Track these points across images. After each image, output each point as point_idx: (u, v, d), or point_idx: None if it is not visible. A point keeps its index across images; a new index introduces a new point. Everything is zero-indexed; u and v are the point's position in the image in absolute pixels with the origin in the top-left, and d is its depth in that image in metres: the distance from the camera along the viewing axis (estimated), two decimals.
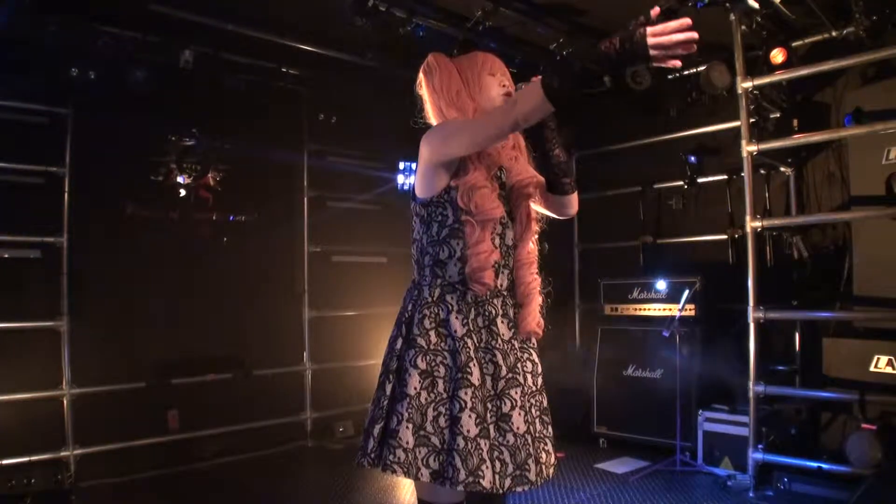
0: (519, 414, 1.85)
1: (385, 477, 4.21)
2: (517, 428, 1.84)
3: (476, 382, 1.80)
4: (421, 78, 2.02)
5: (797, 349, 4.61)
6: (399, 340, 1.91)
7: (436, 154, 1.83)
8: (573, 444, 4.90)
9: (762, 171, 4.76)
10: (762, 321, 3.94)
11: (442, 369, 1.83)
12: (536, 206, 2.05)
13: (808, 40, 4.44)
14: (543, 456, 1.90)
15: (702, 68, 4.55)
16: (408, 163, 5.75)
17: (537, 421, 1.93)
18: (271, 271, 5.20)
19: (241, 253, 4.97)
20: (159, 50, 4.28)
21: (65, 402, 4.11)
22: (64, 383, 4.12)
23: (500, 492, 1.79)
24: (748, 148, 3.98)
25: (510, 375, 1.87)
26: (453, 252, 1.89)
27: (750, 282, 3.98)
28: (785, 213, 4.78)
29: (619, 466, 4.49)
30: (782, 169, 4.71)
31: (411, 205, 1.97)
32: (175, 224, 4.72)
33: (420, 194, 1.92)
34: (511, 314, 1.96)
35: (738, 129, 4.06)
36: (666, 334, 4.41)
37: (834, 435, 3.74)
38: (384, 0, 3.86)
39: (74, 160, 4.22)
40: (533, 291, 1.98)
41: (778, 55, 4.10)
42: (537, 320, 1.98)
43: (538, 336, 2.01)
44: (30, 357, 4.05)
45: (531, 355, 1.99)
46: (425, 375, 1.82)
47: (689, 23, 1.47)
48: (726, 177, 5.11)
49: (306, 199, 5.46)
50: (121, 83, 4.15)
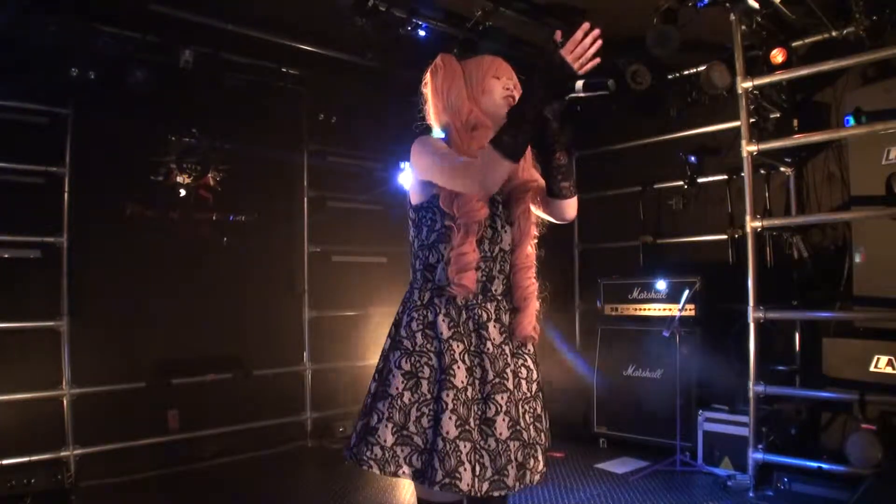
0: (503, 420, 1.84)
1: (385, 477, 4.21)
2: (499, 433, 1.83)
3: (459, 385, 1.81)
4: (427, 77, 2.04)
5: (797, 349, 4.62)
6: (387, 341, 1.96)
7: (416, 174, 1.93)
8: (573, 444, 4.90)
9: (762, 171, 4.76)
10: (762, 321, 3.94)
11: (427, 370, 1.84)
12: (535, 210, 2.04)
13: (808, 40, 4.44)
14: (531, 462, 1.89)
15: (702, 68, 4.55)
16: (408, 163, 5.74)
17: (531, 428, 1.92)
18: (271, 271, 5.20)
19: (241, 253, 4.97)
20: (159, 50, 4.28)
21: (65, 402, 4.10)
22: (64, 383, 4.12)
23: (478, 495, 1.79)
24: (748, 148, 3.98)
25: (497, 380, 1.87)
26: (441, 256, 1.90)
27: (750, 282, 3.98)
28: (785, 213, 4.78)
29: (619, 466, 4.49)
30: (782, 169, 4.72)
31: (407, 209, 2.00)
32: (175, 224, 4.72)
33: (412, 199, 1.98)
34: (505, 319, 1.95)
35: (738, 129, 4.06)
36: (666, 334, 4.41)
37: (834, 435, 3.75)
38: (384, 0, 3.86)
39: (74, 160, 4.22)
40: (530, 296, 1.98)
41: (778, 55, 4.10)
42: (533, 325, 1.98)
43: (534, 341, 2.01)
44: (30, 357, 4.05)
45: (526, 361, 1.98)
46: (409, 376, 1.84)
47: (588, 25, 1.65)
48: (726, 177, 5.12)
49: (306, 199, 5.46)
50: (121, 83, 4.14)
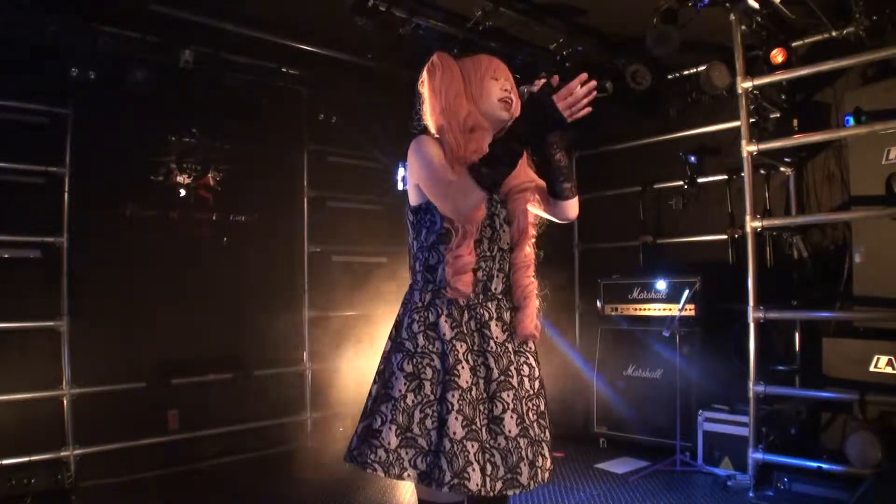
0: (511, 417, 1.84)
1: (385, 477, 4.20)
2: (509, 431, 1.84)
3: (464, 385, 1.81)
4: (424, 76, 2.01)
5: (797, 349, 4.61)
6: (388, 343, 1.95)
7: (412, 178, 1.93)
8: (573, 444, 4.90)
9: (762, 171, 4.76)
10: (762, 321, 3.94)
11: (429, 371, 1.83)
12: (536, 210, 2.05)
13: (808, 40, 4.44)
14: (540, 460, 1.90)
15: (702, 68, 4.55)
16: (407, 163, 5.75)
17: (535, 425, 1.93)
18: (271, 271, 5.20)
19: (241, 253, 4.97)
20: (159, 50, 4.27)
21: (65, 402, 4.10)
22: (64, 383, 4.12)
23: (490, 494, 1.79)
24: (748, 148, 3.99)
25: (502, 378, 1.87)
26: (441, 257, 1.90)
27: (750, 282, 3.98)
28: (785, 213, 4.78)
29: (619, 466, 4.49)
30: (782, 169, 4.71)
31: (405, 210, 1.99)
32: (175, 224, 4.72)
33: (411, 201, 1.97)
34: (506, 317, 1.95)
35: (738, 129, 4.06)
36: (666, 334, 4.41)
37: (834, 435, 3.74)
38: (384, 0, 3.86)
39: (74, 160, 4.22)
40: (530, 295, 1.98)
41: (778, 55, 4.10)
42: (534, 323, 1.98)
43: (536, 339, 2.01)
44: (30, 357, 4.04)
45: (528, 359, 1.99)
46: (412, 378, 1.84)
47: (585, 76, 1.69)
48: (726, 177, 5.12)
49: (306, 199, 5.45)
50: (121, 83, 4.14)
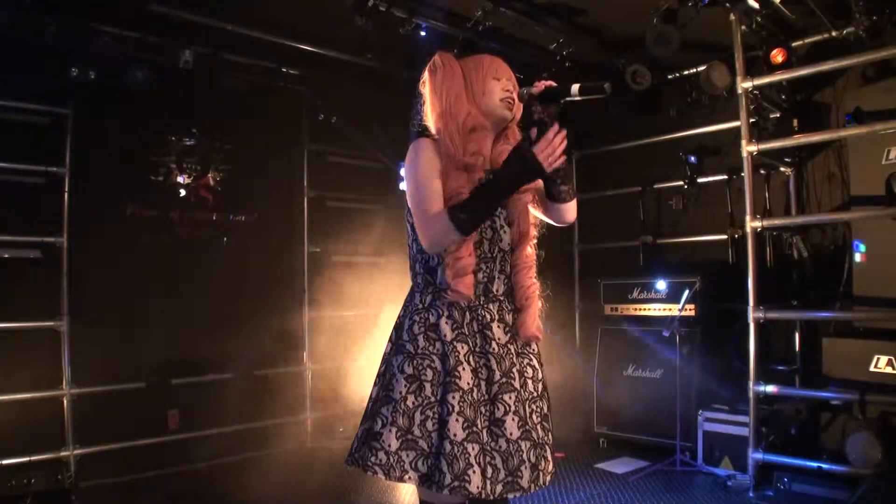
0: (512, 419, 1.84)
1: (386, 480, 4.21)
2: (510, 433, 1.83)
3: (465, 386, 1.80)
4: (425, 76, 2.00)
5: (797, 349, 4.61)
6: (389, 345, 1.95)
7: None
8: (573, 444, 4.90)
9: (762, 171, 4.76)
10: (762, 321, 3.94)
11: (429, 373, 1.83)
12: (535, 212, 2.04)
13: (808, 40, 4.43)
14: (542, 463, 1.89)
15: (702, 68, 4.55)
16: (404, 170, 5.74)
17: (539, 427, 1.92)
18: (271, 271, 5.20)
19: (241, 253, 4.97)
20: (159, 50, 4.27)
21: (65, 402, 4.10)
22: (64, 383, 4.12)
23: (491, 497, 1.78)
24: (748, 148, 3.98)
25: (504, 380, 1.86)
26: (441, 259, 1.89)
27: (750, 282, 3.98)
28: (785, 213, 4.78)
29: (619, 466, 4.49)
30: (782, 169, 4.71)
31: (405, 212, 1.98)
32: (175, 224, 4.72)
33: (410, 203, 1.94)
34: (508, 319, 1.95)
35: (738, 129, 4.06)
36: (666, 334, 4.41)
37: (834, 435, 3.74)
38: (384, 0, 3.86)
39: (74, 160, 4.22)
40: (532, 296, 1.97)
41: (778, 55, 4.10)
42: (537, 325, 1.97)
43: (538, 340, 2.00)
44: (30, 357, 4.05)
45: (531, 360, 1.98)
46: (412, 380, 1.83)
47: (557, 127, 1.75)
48: (726, 177, 5.11)
49: (306, 199, 5.46)
50: (121, 83, 4.14)
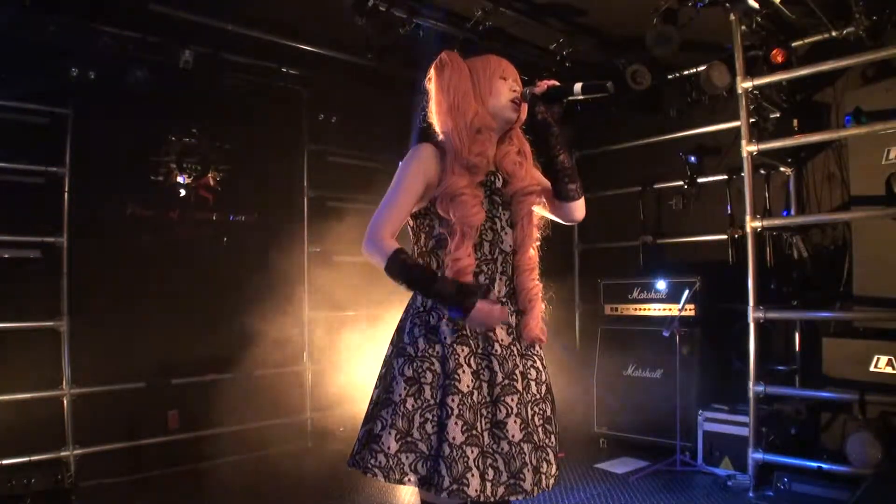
0: (515, 422, 1.83)
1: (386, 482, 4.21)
2: (512, 436, 1.82)
3: (464, 389, 1.79)
4: (432, 73, 1.99)
5: (797, 349, 4.62)
6: (390, 348, 1.95)
7: None
8: (573, 444, 4.90)
9: (762, 171, 4.76)
10: (762, 321, 3.94)
11: (429, 375, 1.82)
12: (542, 211, 2.04)
13: (808, 40, 4.44)
14: (544, 466, 1.88)
15: (702, 68, 4.55)
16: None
17: (540, 430, 1.91)
18: (271, 271, 5.20)
19: (241, 253, 4.97)
20: (159, 50, 4.27)
21: (65, 402, 4.10)
22: (64, 383, 4.12)
23: (491, 500, 1.78)
24: (748, 148, 3.98)
25: (506, 382, 1.85)
26: (441, 262, 1.89)
27: (750, 282, 3.98)
28: (785, 213, 4.78)
29: (619, 466, 4.49)
30: (782, 169, 4.72)
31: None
32: (175, 224, 4.72)
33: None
34: (511, 321, 1.94)
35: (738, 129, 4.06)
36: (666, 334, 4.41)
37: (834, 435, 3.74)
38: (384, 0, 3.86)
39: (74, 160, 4.21)
40: (535, 298, 1.97)
41: (778, 55, 4.10)
42: (540, 327, 1.97)
43: (542, 342, 2.00)
44: (30, 357, 4.04)
45: (535, 362, 1.97)
46: (412, 382, 1.83)
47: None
48: (726, 177, 5.12)
49: (306, 199, 5.46)
50: (121, 83, 4.14)
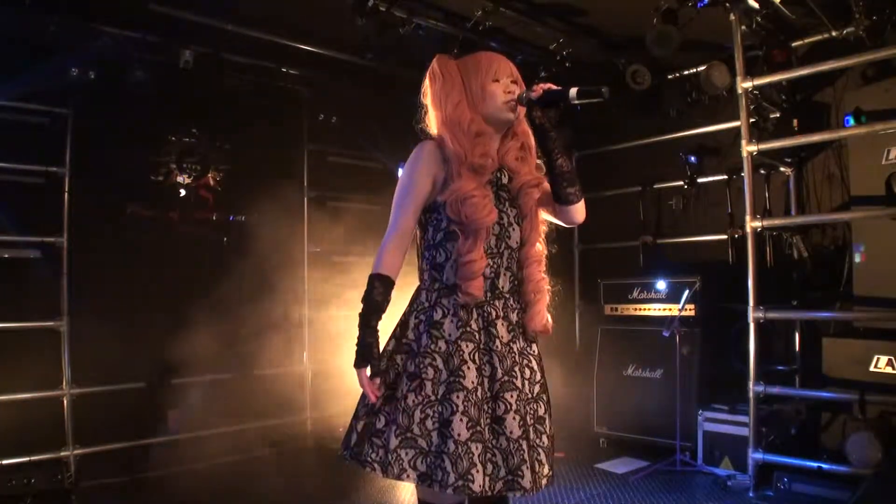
0: (514, 418, 1.83)
1: (384, 477, 4.20)
2: (510, 432, 1.82)
3: (469, 385, 1.80)
4: (426, 86, 2.00)
5: (797, 349, 4.62)
6: (392, 342, 1.95)
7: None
8: (573, 444, 4.90)
9: (762, 171, 4.76)
10: (762, 321, 3.94)
11: (430, 371, 1.83)
12: (544, 215, 2.04)
13: (808, 40, 4.44)
14: (536, 465, 1.87)
15: (702, 68, 4.55)
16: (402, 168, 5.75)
17: (531, 430, 1.90)
18: (271, 271, 5.19)
19: (241, 253, 4.96)
20: (159, 50, 4.28)
21: (65, 402, 4.10)
22: (64, 383, 4.11)
23: (490, 494, 1.78)
24: (748, 148, 3.98)
25: (506, 378, 1.86)
26: (449, 255, 1.90)
27: (750, 282, 3.97)
28: (785, 213, 4.78)
29: (619, 466, 4.49)
30: (782, 169, 4.71)
31: None
32: (175, 224, 4.72)
33: None
34: (512, 317, 1.95)
35: (738, 129, 4.06)
36: (666, 334, 4.41)
37: (834, 435, 3.74)
38: (384, 0, 3.86)
39: (74, 160, 4.21)
40: (542, 290, 1.98)
41: (778, 55, 4.10)
42: (546, 318, 1.98)
43: (548, 333, 2.00)
44: (30, 357, 4.04)
45: (530, 362, 1.97)
46: (413, 378, 1.83)
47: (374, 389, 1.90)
48: (726, 177, 5.11)
49: (306, 199, 5.46)
50: (121, 83, 4.14)
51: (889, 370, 3.54)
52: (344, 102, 5.26)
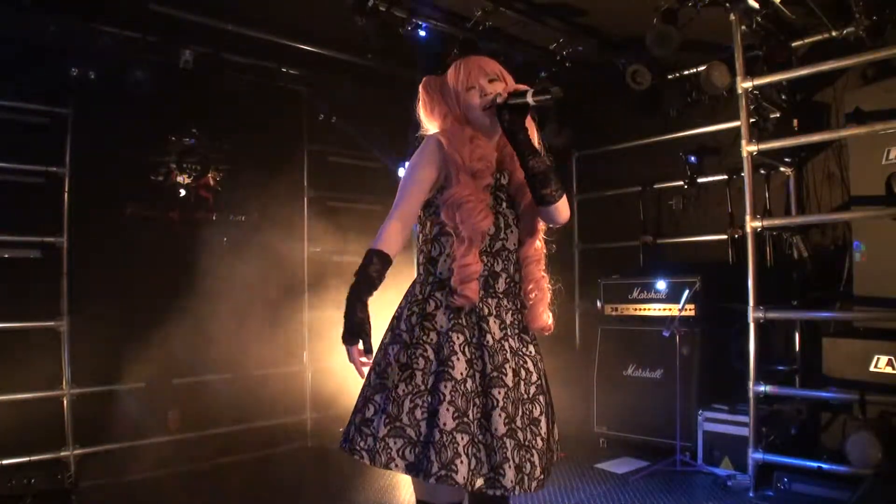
0: (499, 415, 1.81)
1: (385, 477, 4.21)
2: (495, 429, 1.81)
3: (458, 376, 1.81)
4: (419, 109, 2.07)
5: (797, 349, 4.61)
6: (387, 335, 1.96)
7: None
8: (573, 444, 4.90)
9: (762, 171, 4.76)
10: (762, 321, 3.94)
11: (421, 361, 1.84)
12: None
13: (808, 40, 4.44)
14: (528, 466, 1.84)
15: (702, 68, 4.55)
16: (407, 163, 5.75)
17: (526, 430, 1.89)
18: (271, 271, 5.20)
19: (241, 253, 4.97)
20: (159, 50, 4.28)
21: (65, 402, 4.10)
22: (64, 383, 4.12)
23: (470, 489, 1.78)
24: (748, 148, 3.98)
25: (495, 374, 1.85)
26: (443, 249, 1.92)
27: (750, 282, 3.97)
28: (785, 213, 4.78)
29: (619, 466, 4.49)
30: (782, 169, 4.71)
31: None
32: (175, 224, 4.72)
33: None
34: (505, 317, 1.94)
35: (738, 129, 4.06)
36: (666, 334, 4.41)
37: (834, 435, 3.74)
38: (384, 0, 3.86)
39: (74, 160, 4.21)
40: (542, 288, 1.99)
41: (778, 55, 4.10)
42: (547, 315, 1.99)
43: (549, 331, 2.01)
44: (30, 357, 4.04)
45: (526, 363, 1.96)
46: (404, 368, 1.85)
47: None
48: (726, 177, 5.11)
49: (306, 199, 5.46)
50: (121, 83, 4.14)
51: (889, 370, 3.54)
52: (344, 102, 5.26)
